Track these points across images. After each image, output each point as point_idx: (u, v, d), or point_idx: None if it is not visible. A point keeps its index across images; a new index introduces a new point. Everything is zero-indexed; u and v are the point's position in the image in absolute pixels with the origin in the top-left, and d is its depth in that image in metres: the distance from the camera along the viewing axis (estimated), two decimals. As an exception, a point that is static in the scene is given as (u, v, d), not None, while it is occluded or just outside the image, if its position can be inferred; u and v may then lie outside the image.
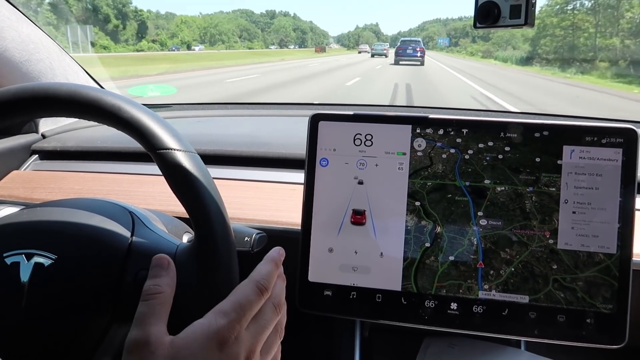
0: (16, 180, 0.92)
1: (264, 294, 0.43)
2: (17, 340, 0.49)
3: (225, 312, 0.40)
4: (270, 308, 0.44)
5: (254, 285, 0.43)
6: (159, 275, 0.42)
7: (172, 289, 0.42)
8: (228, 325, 0.39)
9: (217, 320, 0.39)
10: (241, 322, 0.40)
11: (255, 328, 0.42)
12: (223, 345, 0.38)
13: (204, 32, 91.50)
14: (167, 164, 0.46)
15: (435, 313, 0.62)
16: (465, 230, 0.62)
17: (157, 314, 0.40)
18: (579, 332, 0.59)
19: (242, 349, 0.40)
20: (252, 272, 0.45)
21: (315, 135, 0.65)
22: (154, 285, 0.42)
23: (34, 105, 0.47)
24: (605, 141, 0.59)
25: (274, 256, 0.48)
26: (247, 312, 0.41)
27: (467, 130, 0.62)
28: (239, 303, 0.41)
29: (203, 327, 0.39)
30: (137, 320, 0.40)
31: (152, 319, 0.39)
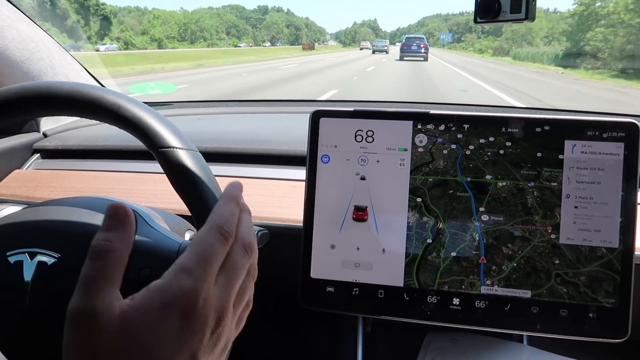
0: (18, 180, 0.92)
1: (229, 240, 0.36)
2: (21, 338, 0.49)
3: (189, 269, 0.32)
4: (239, 252, 0.37)
5: (217, 232, 0.35)
6: (112, 227, 0.33)
7: (127, 247, 0.33)
8: (194, 284, 0.32)
9: (180, 280, 0.32)
10: (207, 278, 0.33)
11: (225, 280, 0.35)
12: (189, 312, 0.31)
13: (184, 29, 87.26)
14: (169, 162, 0.46)
15: (437, 308, 0.62)
16: (467, 226, 0.62)
17: (106, 278, 0.31)
18: (581, 327, 0.59)
19: (212, 310, 0.33)
20: (210, 215, 0.37)
21: (317, 131, 0.65)
22: (105, 241, 0.32)
23: (35, 104, 0.47)
24: (606, 135, 0.59)
25: (232, 192, 0.40)
26: (213, 264, 0.34)
27: (468, 125, 0.62)
28: (203, 255, 0.33)
29: (162, 291, 0.31)
30: (81, 284, 0.31)
31: (100, 284, 0.31)
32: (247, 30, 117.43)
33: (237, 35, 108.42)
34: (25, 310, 0.48)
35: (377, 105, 1.26)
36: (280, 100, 1.41)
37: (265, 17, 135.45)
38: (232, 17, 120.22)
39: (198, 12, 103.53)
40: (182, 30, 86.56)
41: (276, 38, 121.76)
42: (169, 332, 0.31)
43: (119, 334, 0.30)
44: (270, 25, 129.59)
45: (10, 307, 0.49)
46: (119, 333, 0.30)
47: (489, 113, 0.62)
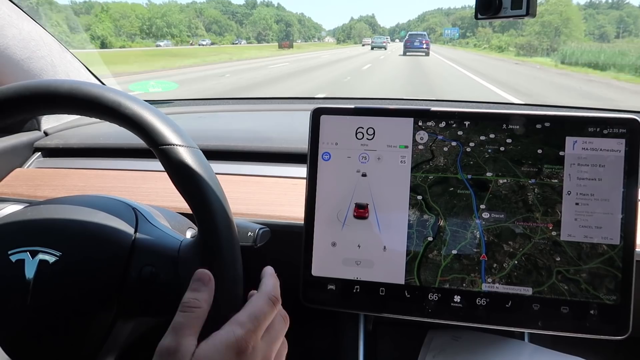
0: (20, 178, 0.92)
1: (276, 305, 0.46)
2: (22, 337, 0.49)
3: (242, 322, 0.43)
4: (279, 319, 0.47)
5: (267, 297, 0.46)
6: (199, 289, 0.44)
7: (208, 305, 0.44)
8: (245, 335, 0.42)
9: (235, 330, 0.42)
10: (257, 332, 0.43)
11: (269, 338, 0.45)
12: (241, 354, 0.41)
13: (149, 24, 74.25)
14: (170, 159, 0.46)
15: (438, 306, 0.62)
16: (467, 223, 0.62)
17: (191, 326, 0.42)
18: (582, 324, 0.59)
19: (258, 357, 0.43)
20: (260, 286, 0.47)
21: (317, 129, 0.65)
22: (194, 299, 0.43)
23: (35, 102, 0.47)
24: (607, 132, 0.59)
25: (273, 271, 0.50)
26: (262, 322, 0.44)
27: (468, 122, 0.62)
28: (254, 314, 0.44)
29: (222, 337, 0.41)
30: (173, 329, 0.42)
31: (186, 330, 0.41)
32: (231, 27, 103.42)
33: (219, 31, 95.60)
34: (27, 309, 0.48)
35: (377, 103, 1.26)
36: (281, 98, 1.41)
37: (253, 12, 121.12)
38: (215, 12, 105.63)
39: (166, 6, 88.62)
40: (145, 25, 73.79)
41: (263, 35, 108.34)
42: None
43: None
44: (257, 21, 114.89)
45: (12, 306, 0.49)
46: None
47: (490, 110, 0.62)
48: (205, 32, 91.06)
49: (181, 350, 0.40)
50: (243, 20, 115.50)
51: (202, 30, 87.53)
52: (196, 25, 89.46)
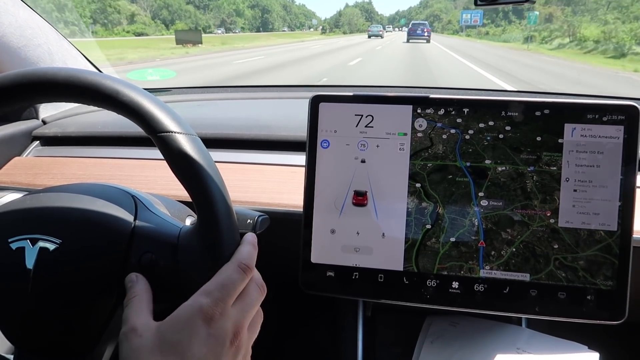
0: (18, 167, 0.92)
1: (247, 274, 0.45)
2: (25, 324, 0.50)
3: (208, 291, 0.42)
4: (254, 288, 0.46)
5: (236, 266, 0.45)
6: (132, 286, 0.46)
7: (146, 291, 0.46)
8: (212, 303, 0.41)
9: (201, 299, 0.42)
10: (225, 300, 0.42)
11: (241, 306, 0.44)
12: (209, 321, 0.41)
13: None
14: (168, 147, 0.46)
15: (437, 292, 0.63)
16: (466, 211, 0.62)
17: (138, 310, 0.43)
18: (579, 309, 0.60)
19: (230, 324, 0.42)
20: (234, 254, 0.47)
21: (316, 116, 0.65)
22: (131, 293, 0.46)
23: (32, 90, 0.47)
24: (606, 119, 0.59)
25: (252, 239, 0.50)
26: (230, 290, 0.43)
27: (467, 109, 0.62)
28: (221, 283, 0.43)
29: (187, 307, 0.42)
30: (124, 320, 0.43)
31: (135, 314, 0.43)
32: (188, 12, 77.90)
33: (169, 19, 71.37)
34: (27, 296, 0.48)
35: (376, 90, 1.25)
36: (280, 86, 1.40)
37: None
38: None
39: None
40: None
41: (228, 22, 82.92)
42: (195, 335, 0.40)
43: (155, 339, 0.40)
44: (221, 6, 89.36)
45: (13, 293, 0.49)
46: (155, 338, 0.40)
47: (489, 97, 0.62)
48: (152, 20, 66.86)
49: (137, 327, 0.41)
50: (209, 4, 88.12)
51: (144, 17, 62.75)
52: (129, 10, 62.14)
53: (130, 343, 0.41)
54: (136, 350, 0.40)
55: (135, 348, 0.40)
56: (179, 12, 76.85)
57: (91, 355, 0.50)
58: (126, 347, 0.41)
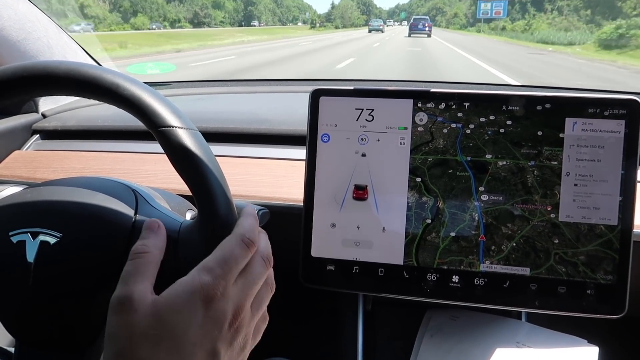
0: (18, 160, 0.92)
1: (251, 248, 0.42)
2: (25, 317, 0.50)
3: (209, 268, 0.39)
4: (259, 262, 0.43)
5: (238, 239, 0.42)
6: (147, 236, 0.42)
7: (159, 251, 0.42)
8: (213, 281, 0.38)
9: (201, 276, 0.38)
10: (227, 277, 0.39)
11: (243, 283, 0.41)
12: (209, 302, 0.37)
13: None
14: (169, 141, 0.46)
15: (437, 286, 0.63)
16: (466, 205, 0.62)
17: (141, 273, 0.39)
18: (579, 303, 0.60)
19: (230, 304, 0.39)
20: (234, 227, 0.44)
21: (316, 110, 0.65)
22: (141, 245, 0.41)
23: (32, 83, 0.47)
24: (607, 113, 0.59)
25: (252, 210, 0.47)
26: (232, 267, 0.40)
27: (468, 104, 0.61)
28: (223, 258, 0.40)
29: (186, 284, 0.38)
30: (122, 278, 0.39)
31: (137, 277, 0.39)
32: (155, 4, 63.36)
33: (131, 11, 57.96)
34: (28, 289, 0.49)
35: (377, 84, 1.25)
36: (280, 80, 1.40)
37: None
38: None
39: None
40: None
41: (202, 16, 69.16)
42: (192, 317, 0.37)
43: (151, 317, 0.36)
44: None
45: (14, 286, 0.49)
46: (150, 316, 0.36)
47: (490, 91, 0.62)
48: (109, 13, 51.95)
49: (134, 299, 0.37)
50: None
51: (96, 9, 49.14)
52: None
53: (123, 317, 0.37)
54: (128, 327, 0.36)
55: (128, 324, 0.36)
56: (143, 3, 62.71)
57: (91, 349, 0.51)
58: (116, 321, 0.37)
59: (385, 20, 67.55)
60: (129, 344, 0.36)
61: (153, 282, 0.40)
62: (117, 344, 0.36)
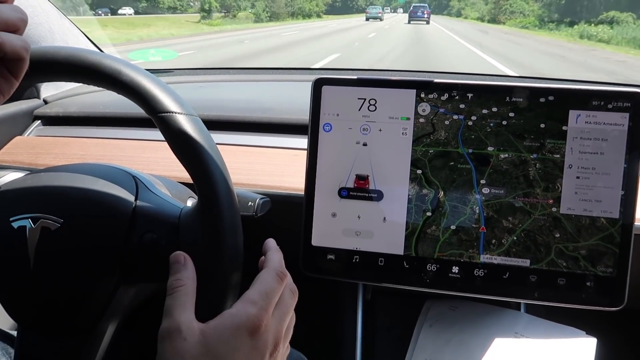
0: (20, 146, 0.92)
1: (284, 280, 0.46)
2: (27, 302, 0.50)
3: (254, 301, 0.42)
4: (288, 294, 0.47)
5: (274, 273, 0.45)
6: (178, 270, 0.45)
7: (193, 281, 0.44)
8: (258, 313, 0.41)
9: (247, 308, 0.41)
10: (268, 310, 0.42)
11: (279, 314, 0.44)
12: (254, 333, 0.41)
13: None
14: (169, 127, 0.46)
15: (436, 276, 0.63)
16: (467, 198, 0.62)
17: (183, 304, 0.42)
18: (578, 295, 0.60)
19: (271, 335, 0.42)
20: (266, 262, 0.47)
21: (319, 100, 0.64)
22: (176, 280, 0.44)
23: (32, 69, 0.47)
24: (612, 106, 0.59)
25: (274, 244, 0.50)
26: (272, 299, 0.43)
27: (471, 94, 0.61)
28: (265, 291, 0.43)
29: (233, 316, 0.41)
30: (166, 312, 0.42)
31: (180, 309, 0.41)
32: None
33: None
34: (30, 275, 0.49)
35: (380, 74, 1.24)
36: (283, 68, 1.40)
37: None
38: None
39: None
40: None
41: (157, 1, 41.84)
42: (239, 348, 0.40)
43: (200, 346, 0.39)
44: None
45: (15, 272, 0.49)
46: (199, 345, 0.39)
47: (493, 82, 0.62)
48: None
49: (183, 329, 0.40)
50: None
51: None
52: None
53: (174, 345, 0.39)
54: (179, 354, 0.39)
55: (179, 352, 0.39)
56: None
57: (93, 333, 0.51)
58: (167, 348, 0.39)
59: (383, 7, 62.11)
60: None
61: (194, 311, 0.42)
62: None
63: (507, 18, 34.58)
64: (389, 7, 76.64)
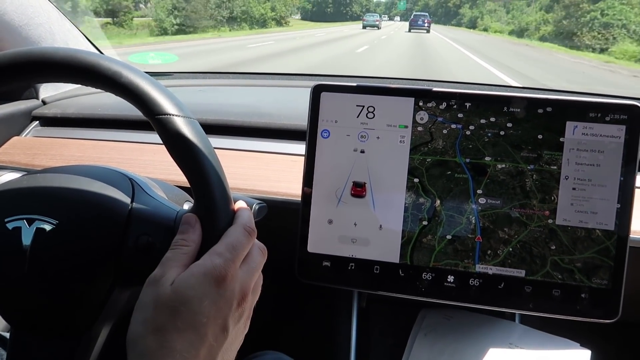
0: (17, 147, 0.92)
1: (252, 236, 0.47)
2: (21, 303, 0.50)
3: (220, 252, 0.44)
4: (257, 251, 0.48)
5: (242, 228, 0.46)
6: (186, 231, 0.46)
7: (196, 245, 0.46)
8: (224, 263, 0.43)
9: (213, 259, 0.43)
10: (235, 261, 0.44)
11: (247, 268, 0.45)
12: (220, 282, 0.42)
13: None
14: (166, 129, 0.46)
15: (432, 285, 0.63)
16: (463, 208, 0.62)
17: (177, 260, 0.44)
18: (573, 307, 0.60)
19: (237, 286, 0.43)
20: (235, 218, 0.48)
21: (317, 106, 0.65)
22: (181, 239, 0.46)
23: (30, 70, 0.47)
24: (608, 118, 0.59)
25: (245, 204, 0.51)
26: (239, 252, 0.45)
27: (469, 104, 0.61)
28: (232, 244, 0.44)
29: (200, 266, 0.43)
30: (161, 263, 0.44)
31: (173, 263, 0.43)
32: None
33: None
34: (24, 276, 0.48)
35: (379, 81, 1.25)
36: (282, 74, 1.40)
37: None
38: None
39: None
40: None
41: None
42: (206, 294, 0.41)
43: (171, 291, 0.41)
44: None
45: (9, 273, 0.49)
46: (171, 291, 0.41)
47: (491, 92, 0.62)
48: None
49: (164, 278, 0.42)
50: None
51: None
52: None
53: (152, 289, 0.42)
54: (154, 298, 0.42)
55: (154, 296, 0.42)
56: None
57: (87, 335, 0.51)
58: (146, 292, 0.42)
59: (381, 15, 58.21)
60: (153, 312, 0.41)
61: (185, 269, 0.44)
62: (143, 311, 0.41)
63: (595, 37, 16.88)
64: (386, 15, 70.95)
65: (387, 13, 72.42)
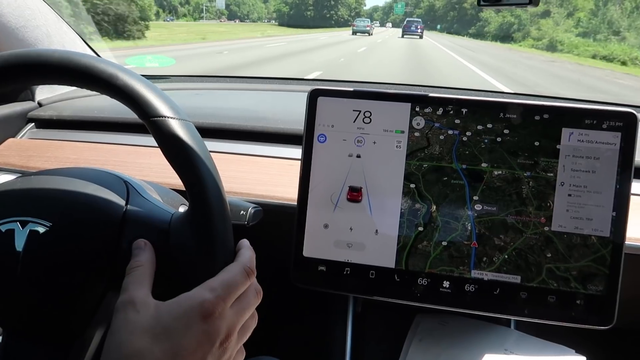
0: (12, 148, 0.92)
1: (250, 277, 0.46)
2: (13, 306, 0.50)
3: (212, 288, 0.43)
4: (252, 292, 0.47)
5: (242, 268, 0.46)
6: (137, 254, 0.46)
7: (151, 264, 0.46)
8: (214, 300, 0.42)
9: (204, 293, 0.42)
10: (226, 300, 0.43)
11: (238, 308, 0.44)
12: (207, 317, 0.41)
13: None
14: (161, 132, 0.46)
15: (427, 290, 0.63)
16: (459, 214, 0.62)
17: (139, 281, 0.43)
18: (568, 313, 0.60)
19: (224, 325, 0.42)
20: (237, 256, 0.48)
21: (314, 110, 0.65)
22: (135, 262, 0.45)
23: (25, 71, 0.46)
24: (605, 125, 0.59)
25: (249, 244, 0.51)
26: (233, 291, 0.44)
27: (466, 110, 0.61)
28: (227, 282, 0.44)
29: (188, 298, 0.42)
30: (123, 289, 0.43)
31: (135, 285, 0.43)
32: None
33: None
34: (17, 279, 0.48)
35: (376, 87, 1.25)
36: (279, 78, 1.40)
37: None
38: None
39: None
40: None
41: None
42: (190, 327, 0.40)
43: (152, 319, 0.40)
44: None
45: (2, 275, 0.49)
46: (152, 318, 0.40)
47: (489, 98, 0.62)
48: None
49: (137, 302, 0.41)
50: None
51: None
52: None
53: (126, 315, 0.40)
54: (130, 324, 0.40)
55: (130, 322, 0.40)
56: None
57: (80, 339, 0.50)
58: (120, 319, 0.41)
59: (372, 20, 51.84)
60: (130, 337, 0.39)
61: (150, 289, 0.44)
62: (119, 337, 0.40)
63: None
64: (377, 21, 68.31)
65: (385, 18, 68.79)
